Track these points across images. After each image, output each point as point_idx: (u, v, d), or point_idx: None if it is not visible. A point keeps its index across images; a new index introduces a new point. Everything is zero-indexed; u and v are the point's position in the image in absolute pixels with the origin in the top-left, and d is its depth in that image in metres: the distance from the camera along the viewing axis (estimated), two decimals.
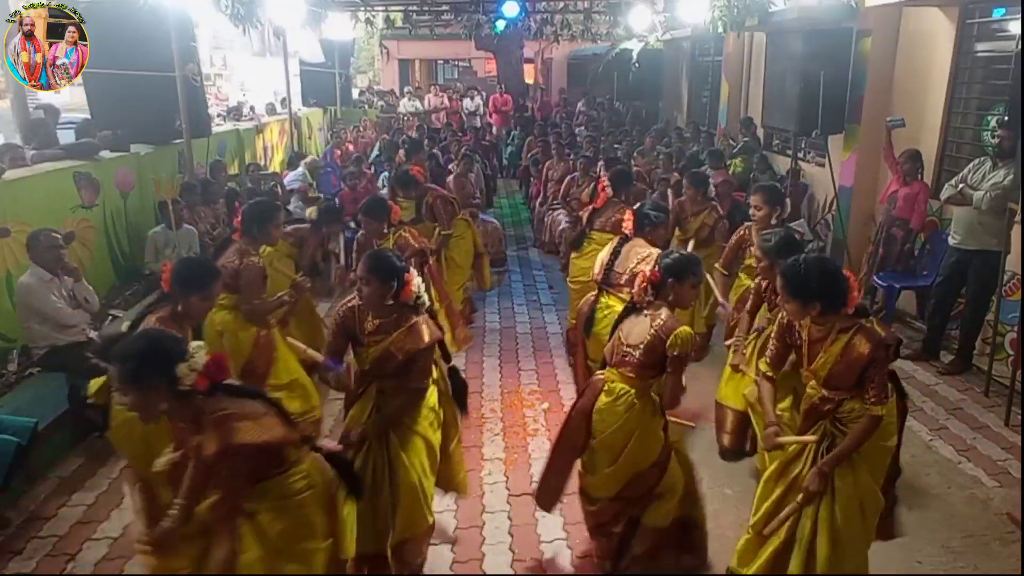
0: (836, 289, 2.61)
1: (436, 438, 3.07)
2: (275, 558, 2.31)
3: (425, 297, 2.99)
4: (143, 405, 2.17)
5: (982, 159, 5.10)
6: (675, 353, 2.81)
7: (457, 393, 3.32)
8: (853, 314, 2.65)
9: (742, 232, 4.38)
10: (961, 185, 5.05)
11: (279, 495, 2.32)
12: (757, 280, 3.76)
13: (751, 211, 4.31)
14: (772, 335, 2.94)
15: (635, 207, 4.26)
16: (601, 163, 7.94)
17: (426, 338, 2.88)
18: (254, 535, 2.28)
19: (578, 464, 3.17)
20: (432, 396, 3.07)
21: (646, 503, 3.03)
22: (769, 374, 2.94)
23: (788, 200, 4.56)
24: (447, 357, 3.26)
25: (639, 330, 2.92)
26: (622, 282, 3.99)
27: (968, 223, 5.04)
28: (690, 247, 5.09)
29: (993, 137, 4.97)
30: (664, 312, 2.91)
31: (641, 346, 2.89)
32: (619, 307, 3.47)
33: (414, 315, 2.91)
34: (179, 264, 3.14)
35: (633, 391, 2.92)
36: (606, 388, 2.98)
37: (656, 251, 3.85)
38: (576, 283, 5.13)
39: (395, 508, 2.88)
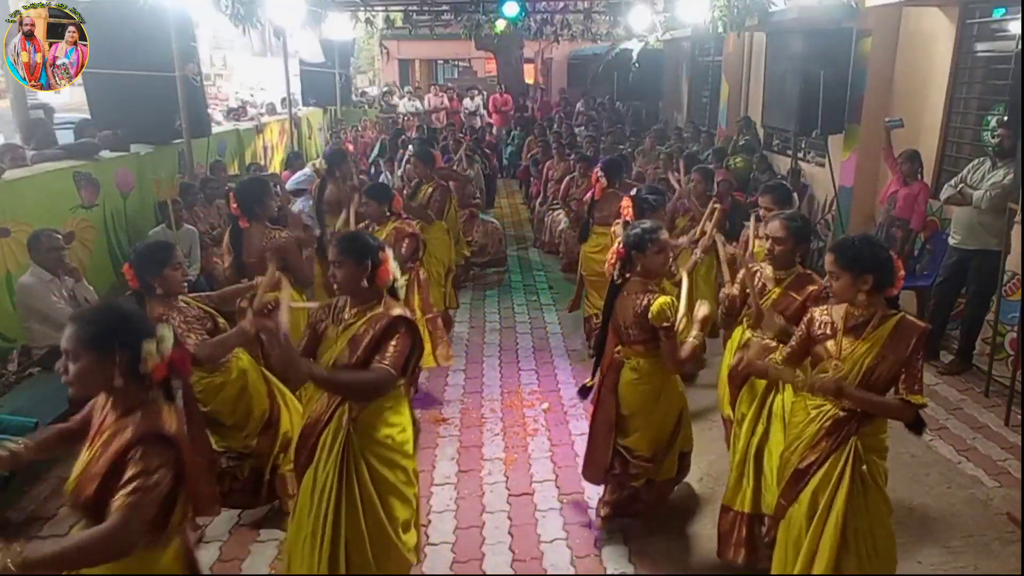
0: (887, 263, 2.56)
1: (411, 490, 2.80)
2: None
3: (402, 283, 2.85)
4: (91, 375, 1.89)
5: (982, 159, 5.10)
6: (661, 324, 3.04)
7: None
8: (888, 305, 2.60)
9: (746, 234, 4.30)
10: (961, 185, 5.06)
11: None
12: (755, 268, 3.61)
13: (761, 212, 4.14)
14: (797, 335, 2.77)
15: (632, 194, 4.36)
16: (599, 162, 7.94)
17: (400, 311, 2.66)
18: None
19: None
20: (407, 431, 2.79)
21: (663, 456, 3.36)
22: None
23: (795, 195, 4.53)
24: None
25: (625, 310, 3.19)
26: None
27: (968, 223, 5.04)
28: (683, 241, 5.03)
29: (993, 137, 4.97)
30: (637, 285, 3.16)
31: (632, 326, 3.17)
32: None
33: (391, 301, 2.73)
34: (137, 255, 3.14)
35: (648, 364, 3.22)
36: (629, 365, 3.26)
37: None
38: (593, 274, 5.35)
39: (352, 552, 2.65)
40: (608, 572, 3.26)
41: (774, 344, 3.01)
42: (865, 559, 2.60)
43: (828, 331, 2.65)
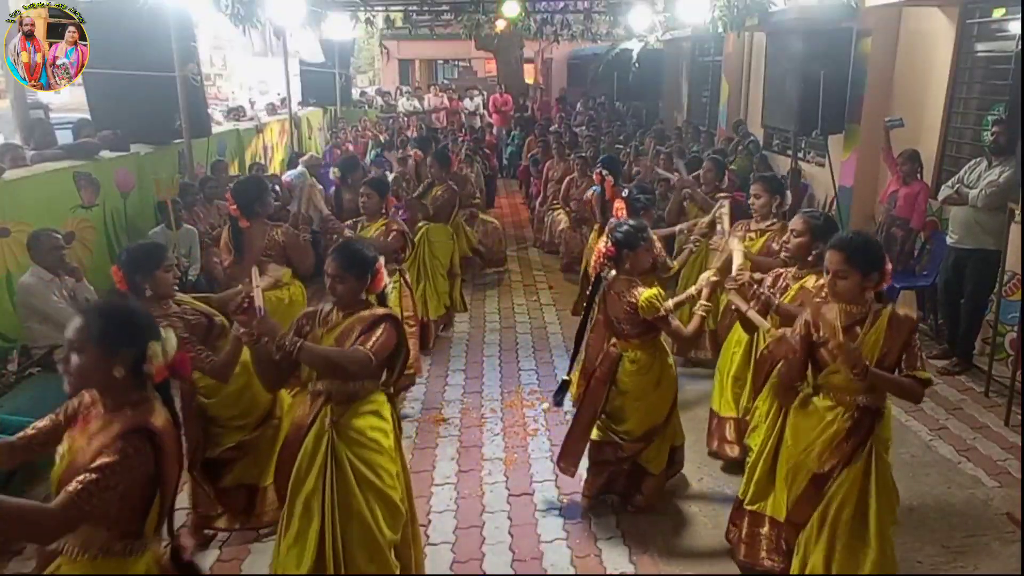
0: (885, 260, 2.62)
1: (397, 496, 2.74)
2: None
3: (391, 286, 2.98)
4: (93, 371, 1.86)
5: (978, 159, 5.12)
6: (653, 316, 3.16)
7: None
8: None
9: (743, 227, 4.36)
10: (958, 185, 5.07)
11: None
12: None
13: (751, 199, 4.32)
14: (795, 348, 2.74)
15: (623, 194, 4.40)
16: (600, 162, 7.94)
17: (382, 311, 2.73)
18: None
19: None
20: (389, 437, 2.76)
21: (655, 437, 3.45)
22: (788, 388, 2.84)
23: (788, 191, 4.56)
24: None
25: (616, 307, 3.30)
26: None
27: (965, 222, 5.05)
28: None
29: (990, 135, 4.98)
30: (622, 284, 3.27)
31: (625, 321, 3.29)
32: None
33: (376, 305, 2.80)
34: (127, 255, 3.05)
35: (643, 355, 3.35)
36: (627, 357, 3.37)
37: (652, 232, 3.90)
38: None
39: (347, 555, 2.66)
40: (608, 572, 3.26)
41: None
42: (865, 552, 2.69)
43: (829, 333, 2.62)
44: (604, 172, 5.34)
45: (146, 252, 3.05)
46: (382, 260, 2.86)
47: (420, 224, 5.84)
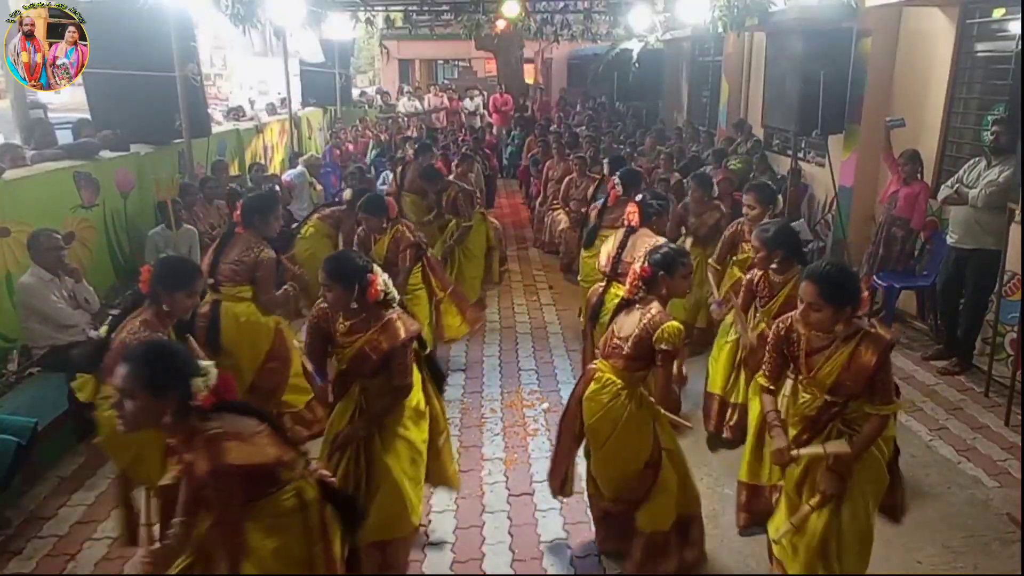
0: (860, 290, 2.58)
1: (420, 437, 3.07)
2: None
3: (395, 293, 3.00)
4: (146, 413, 2.07)
5: (977, 158, 5.12)
6: (662, 347, 2.85)
7: (435, 379, 3.32)
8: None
9: (735, 228, 4.50)
10: (957, 185, 5.07)
11: (271, 514, 2.25)
12: (748, 276, 3.78)
13: (744, 210, 4.42)
14: (768, 347, 2.86)
15: (637, 199, 4.32)
16: (605, 162, 7.92)
17: (401, 334, 2.88)
18: (248, 556, 2.22)
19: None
20: (416, 394, 3.06)
21: (641, 505, 3.05)
22: (770, 387, 2.89)
23: (781, 197, 4.61)
24: (423, 345, 3.23)
25: (629, 324, 2.98)
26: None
27: (965, 222, 5.05)
28: (688, 243, 5.14)
29: (990, 135, 4.98)
30: (655, 307, 2.95)
31: (630, 339, 2.93)
32: None
33: (385, 312, 2.92)
34: (161, 264, 3.10)
35: (620, 382, 2.96)
36: (595, 376, 3.03)
37: (662, 239, 3.92)
38: (588, 281, 5.14)
39: (371, 507, 2.89)
40: (608, 572, 3.26)
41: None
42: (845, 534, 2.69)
43: (796, 349, 2.71)
44: (617, 182, 5.14)
45: (181, 271, 3.08)
46: (377, 271, 2.92)
47: (449, 218, 6.44)
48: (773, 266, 3.56)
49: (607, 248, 4.25)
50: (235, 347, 3.91)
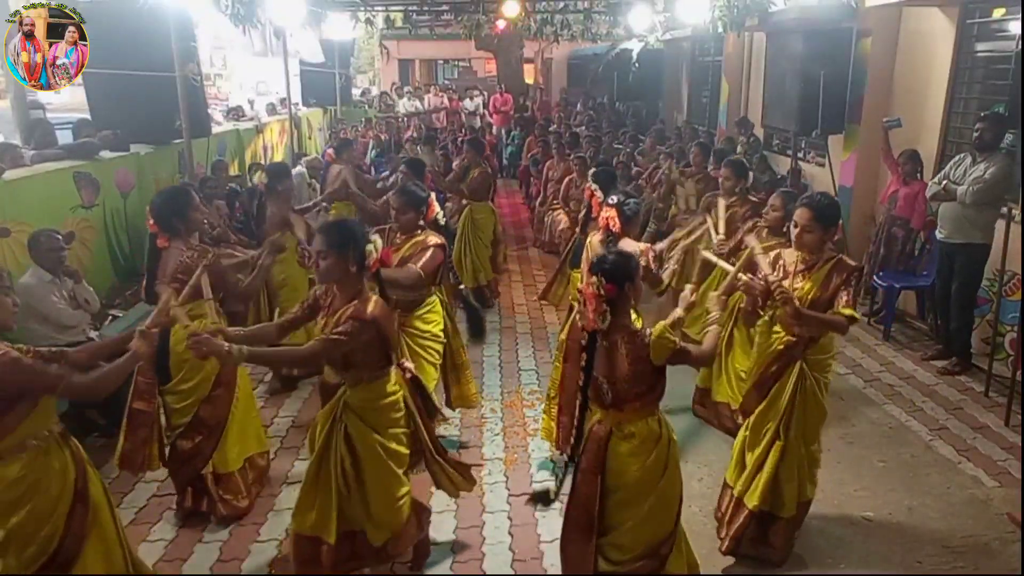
0: (839, 215, 3.24)
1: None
2: (366, 450, 2.82)
3: (441, 213, 3.76)
4: (335, 268, 2.72)
5: (963, 155, 5.17)
6: (668, 356, 2.54)
7: (472, 322, 4.22)
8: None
9: (711, 199, 4.86)
10: (945, 181, 5.10)
11: (378, 395, 2.83)
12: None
13: (720, 181, 4.88)
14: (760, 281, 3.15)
15: (616, 203, 3.70)
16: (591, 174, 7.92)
17: (438, 239, 3.66)
18: (346, 436, 2.80)
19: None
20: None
21: (668, 551, 2.71)
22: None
23: (752, 173, 5.10)
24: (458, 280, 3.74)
25: (615, 362, 2.56)
26: None
27: (953, 217, 5.09)
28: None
29: (974, 132, 5.01)
30: (627, 331, 2.56)
31: (627, 378, 2.55)
32: None
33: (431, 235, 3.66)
34: (160, 199, 3.53)
35: (645, 424, 2.62)
36: (618, 434, 2.62)
37: (644, 246, 3.56)
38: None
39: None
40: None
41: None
42: (800, 455, 3.22)
43: (781, 273, 3.22)
44: (595, 187, 4.42)
45: (179, 192, 3.63)
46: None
47: (464, 203, 6.82)
48: (785, 229, 3.75)
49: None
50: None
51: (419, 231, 3.74)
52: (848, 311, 3.01)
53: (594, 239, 3.73)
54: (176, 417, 3.51)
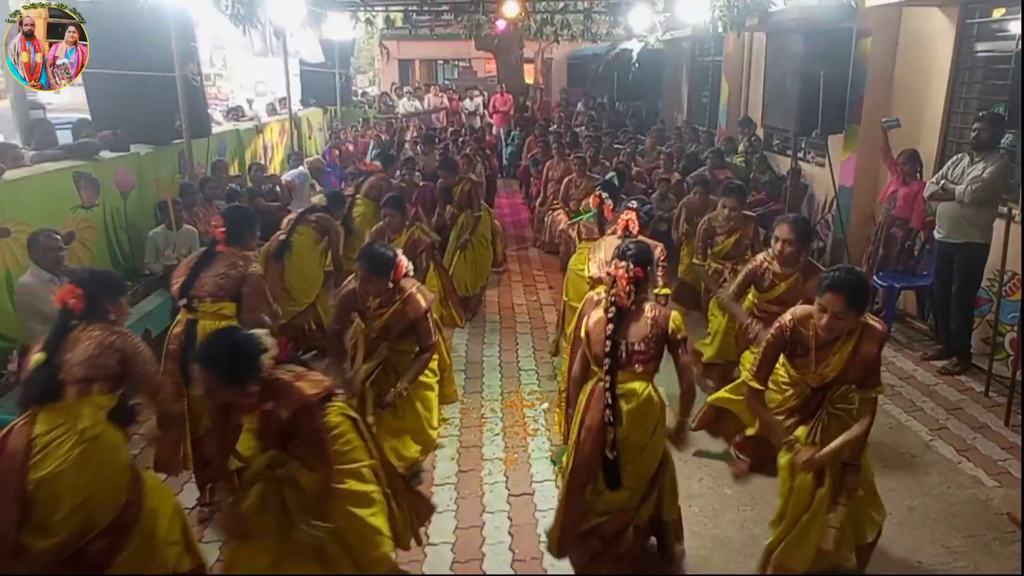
0: (869, 294, 2.91)
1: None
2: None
3: (411, 266, 3.70)
4: (239, 398, 2.51)
5: (961, 155, 5.17)
6: (680, 336, 2.99)
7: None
8: None
9: (706, 223, 5.02)
10: (943, 181, 5.10)
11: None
12: (754, 264, 3.98)
13: (719, 206, 4.97)
14: (767, 345, 2.97)
15: (632, 205, 4.13)
16: (600, 170, 7.94)
17: (423, 304, 3.63)
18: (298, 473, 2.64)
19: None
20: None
21: (659, 495, 3.11)
22: (758, 387, 2.99)
23: (755, 191, 5.11)
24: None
25: (638, 328, 2.99)
26: None
27: (952, 217, 5.09)
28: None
29: (972, 131, 5.02)
30: (649, 303, 3.08)
31: (644, 341, 2.97)
32: None
33: (407, 287, 3.63)
34: (92, 277, 2.97)
35: (647, 385, 3.00)
36: (623, 393, 2.93)
37: (660, 245, 4.02)
38: (578, 301, 4.59)
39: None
40: (609, 572, 3.25)
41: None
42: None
43: (808, 346, 2.90)
44: (604, 195, 4.82)
45: (114, 279, 3.12)
46: (399, 253, 3.61)
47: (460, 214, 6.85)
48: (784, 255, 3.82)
49: (600, 256, 4.10)
50: None
51: (396, 295, 3.61)
52: (873, 393, 2.86)
53: (610, 238, 4.19)
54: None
